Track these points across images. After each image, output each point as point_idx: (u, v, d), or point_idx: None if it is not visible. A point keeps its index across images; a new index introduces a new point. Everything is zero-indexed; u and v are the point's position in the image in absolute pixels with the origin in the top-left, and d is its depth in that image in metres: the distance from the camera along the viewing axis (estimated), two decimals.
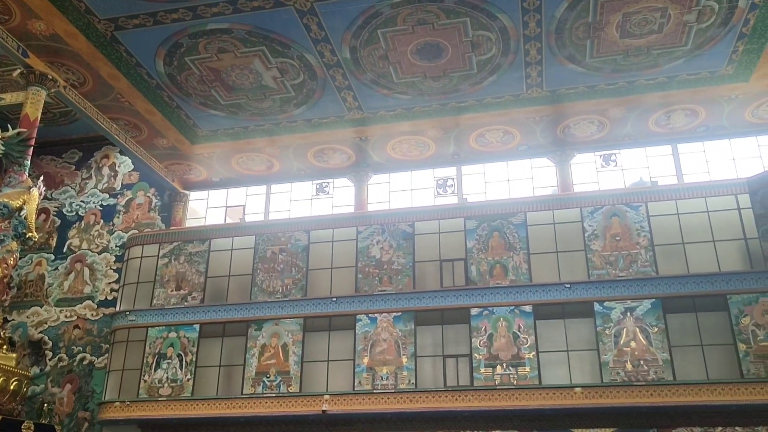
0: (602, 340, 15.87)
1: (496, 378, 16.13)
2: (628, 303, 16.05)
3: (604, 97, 17.69)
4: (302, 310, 18.16)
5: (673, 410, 14.84)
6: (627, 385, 15.13)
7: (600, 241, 16.99)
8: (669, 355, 15.35)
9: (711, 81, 16.95)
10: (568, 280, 16.69)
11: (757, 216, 16.08)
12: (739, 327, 15.25)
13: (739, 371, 14.85)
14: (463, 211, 18.47)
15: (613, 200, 17.38)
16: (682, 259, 16.34)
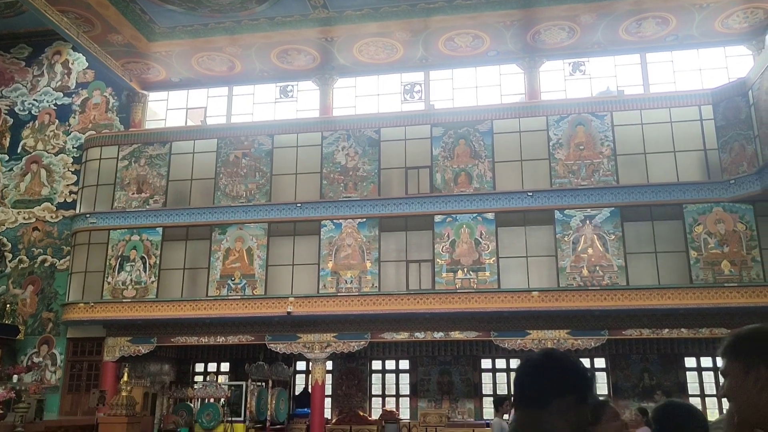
0: (561, 247, 16.31)
1: (457, 282, 16.56)
2: (588, 211, 16.39)
3: (577, 2, 17.26)
4: (266, 215, 18.12)
5: (625, 313, 15.54)
6: (582, 289, 15.71)
7: (564, 149, 17.09)
8: (624, 261, 15.90)
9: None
10: (531, 188, 16.88)
11: (719, 127, 16.28)
12: (692, 235, 15.79)
13: (688, 277, 15.52)
14: (429, 117, 18.27)
15: (579, 109, 17.35)
16: (643, 169, 16.61)
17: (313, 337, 17.50)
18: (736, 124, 15.97)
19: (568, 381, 1.50)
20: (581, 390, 1.50)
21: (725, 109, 16.26)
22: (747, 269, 15.26)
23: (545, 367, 1.54)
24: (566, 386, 1.49)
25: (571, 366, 1.53)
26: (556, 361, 1.54)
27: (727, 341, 1.65)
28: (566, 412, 1.47)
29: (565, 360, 1.54)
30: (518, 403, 1.57)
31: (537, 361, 1.57)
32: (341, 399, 19.88)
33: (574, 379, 1.51)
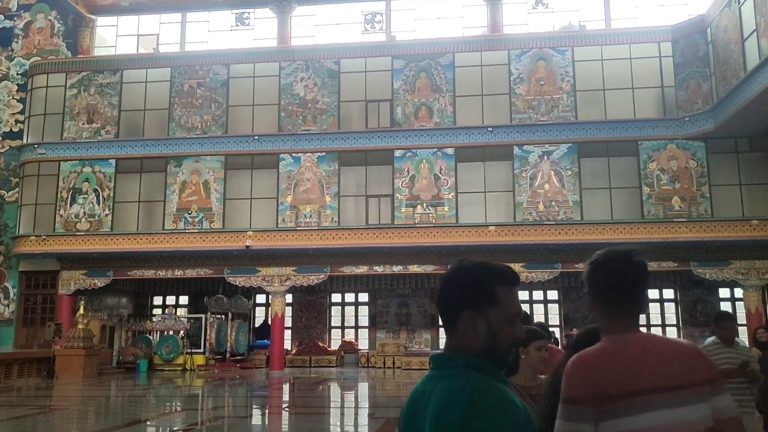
0: (518, 183, 16.49)
1: (416, 217, 16.68)
2: (546, 147, 16.53)
3: None
4: (223, 148, 17.75)
5: (578, 247, 15.92)
6: (538, 224, 16.02)
7: (525, 85, 17.04)
8: (579, 196, 16.21)
9: None
10: (491, 123, 16.88)
11: (677, 65, 16.41)
12: (645, 171, 16.13)
13: (641, 212, 15.95)
14: (391, 49, 17.90)
15: (541, 44, 17.22)
16: (601, 105, 16.73)
17: (272, 271, 17.54)
18: (693, 62, 16.11)
19: (461, 297, 1.40)
20: (479, 299, 1.40)
21: (684, 47, 16.35)
22: (696, 205, 15.75)
23: (441, 293, 1.46)
24: (461, 303, 1.40)
25: (468, 278, 1.42)
26: (447, 284, 1.45)
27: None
28: (471, 327, 1.38)
29: (460, 275, 1.44)
30: (445, 331, 1.50)
31: (441, 281, 1.49)
32: (301, 331, 20.19)
33: (469, 292, 1.40)
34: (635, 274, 1.71)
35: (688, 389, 1.60)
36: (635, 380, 1.59)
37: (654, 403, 1.58)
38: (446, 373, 1.38)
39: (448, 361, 1.41)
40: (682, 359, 1.63)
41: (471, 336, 1.39)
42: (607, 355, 1.65)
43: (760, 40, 13.18)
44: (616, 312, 1.70)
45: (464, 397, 1.29)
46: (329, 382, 15.70)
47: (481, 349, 1.39)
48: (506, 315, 1.40)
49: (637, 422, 1.57)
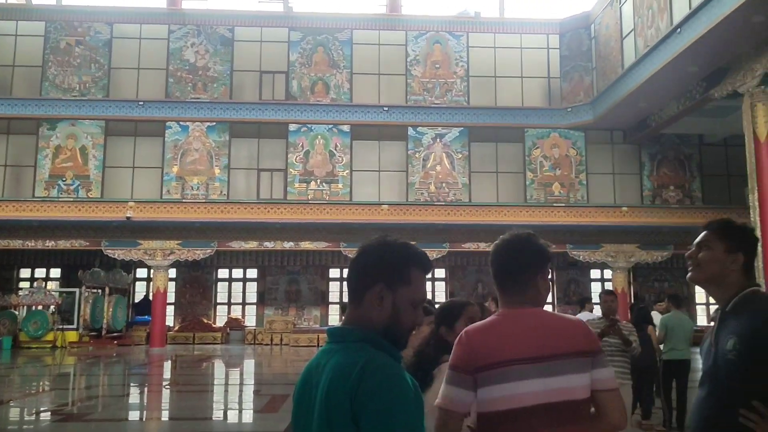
0: (411, 163, 16.73)
1: (309, 193, 16.50)
2: (439, 129, 16.86)
3: None
4: (104, 112, 16.62)
5: (465, 228, 16.46)
6: (429, 204, 16.36)
7: (421, 67, 17.24)
8: (468, 179, 16.71)
9: None
10: (387, 103, 16.95)
11: (562, 57, 17.23)
12: (530, 158, 16.88)
13: (524, 196, 16.70)
14: (288, 20, 17.46)
15: (438, 27, 17.46)
16: (492, 92, 17.27)
17: (155, 244, 16.73)
18: (578, 56, 16.98)
19: (377, 270, 1.42)
20: (391, 275, 1.41)
21: (570, 41, 17.19)
22: (574, 191, 16.71)
23: (357, 263, 1.46)
24: (375, 276, 1.41)
25: (388, 254, 1.44)
26: (365, 255, 1.46)
27: (719, 223, 2.06)
28: (378, 301, 1.40)
29: (381, 250, 1.45)
30: (349, 303, 1.49)
31: (357, 253, 1.49)
32: (185, 307, 19.48)
33: (385, 268, 1.42)
34: (526, 256, 1.85)
35: (563, 360, 1.71)
36: (506, 351, 1.72)
37: (524, 372, 1.69)
38: (341, 347, 1.38)
39: (345, 334, 1.41)
40: (559, 333, 1.75)
41: (375, 310, 1.40)
42: (487, 327, 1.80)
43: (637, 40, 14.09)
44: (508, 289, 1.84)
45: (355, 372, 1.29)
46: (213, 360, 15.29)
47: (382, 324, 1.40)
48: (413, 298, 1.43)
49: (509, 389, 1.69)
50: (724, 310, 1.94)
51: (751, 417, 1.74)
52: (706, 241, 2.02)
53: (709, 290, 2.04)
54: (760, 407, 1.74)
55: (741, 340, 1.81)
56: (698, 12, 11.29)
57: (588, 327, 1.82)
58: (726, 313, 1.93)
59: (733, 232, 2.01)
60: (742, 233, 2.03)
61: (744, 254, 1.97)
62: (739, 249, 1.97)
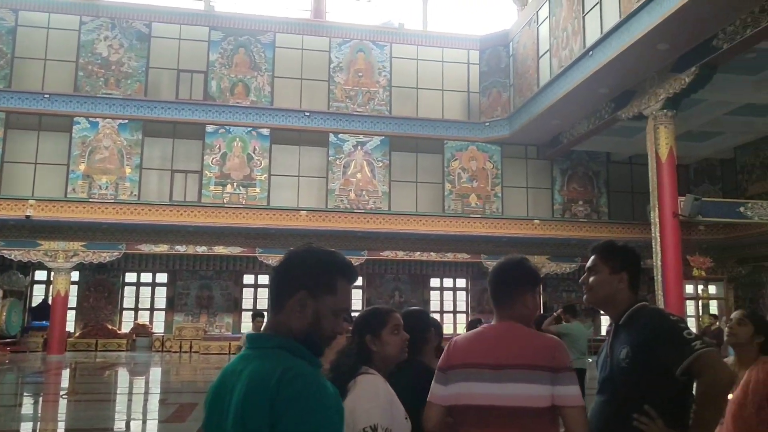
0: (332, 169, 16.66)
1: (225, 196, 16.09)
2: (361, 137, 16.89)
3: None
4: (5, 104, 15.59)
5: (384, 236, 16.53)
6: (348, 211, 16.32)
7: (344, 74, 17.24)
8: (388, 188, 16.81)
9: None
10: (309, 108, 16.82)
11: (482, 72, 17.69)
12: (449, 169, 17.19)
13: (442, 206, 16.97)
14: (209, 19, 17.03)
15: (362, 36, 17.53)
16: (413, 103, 17.50)
17: (57, 245, 15.80)
18: (496, 72, 17.49)
19: (301, 277, 1.40)
20: (315, 283, 1.40)
21: (489, 57, 17.68)
22: (490, 203, 17.14)
23: (281, 269, 1.45)
24: (299, 282, 1.40)
25: (314, 262, 1.42)
26: (290, 261, 1.44)
27: (602, 246, 2.25)
28: (300, 308, 1.38)
29: (307, 257, 1.44)
30: (270, 308, 1.47)
31: (283, 259, 1.47)
32: (87, 312, 18.45)
33: (310, 275, 1.40)
34: (517, 277, 2.13)
35: (518, 370, 1.94)
36: (471, 355, 2.01)
37: (481, 375, 1.97)
38: (259, 354, 1.36)
39: (263, 340, 1.39)
40: (522, 347, 1.99)
41: (297, 317, 1.38)
42: (469, 335, 2.13)
43: (552, 60, 14.66)
44: (499, 305, 2.12)
45: (274, 379, 1.27)
46: (117, 367, 14.56)
47: (302, 332, 1.38)
48: (336, 307, 1.42)
49: (467, 387, 1.99)
50: (617, 323, 2.16)
51: (642, 420, 1.93)
52: (594, 266, 2.23)
53: (605, 309, 2.25)
54: (650, 411, 1.93)
55: (632, 349, 2.02)
56: (609, 37, 11.88)
57: (559, 347, 2.00)
58: (619, 326, 2.15)
59: (615, 254, 2.22)
60: (624, 254, 2.24)
61: (628, 273, 2.19)
62: (623, 269, 2.19)
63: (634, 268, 2.23)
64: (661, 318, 2.08)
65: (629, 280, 2.19)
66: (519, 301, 2.09)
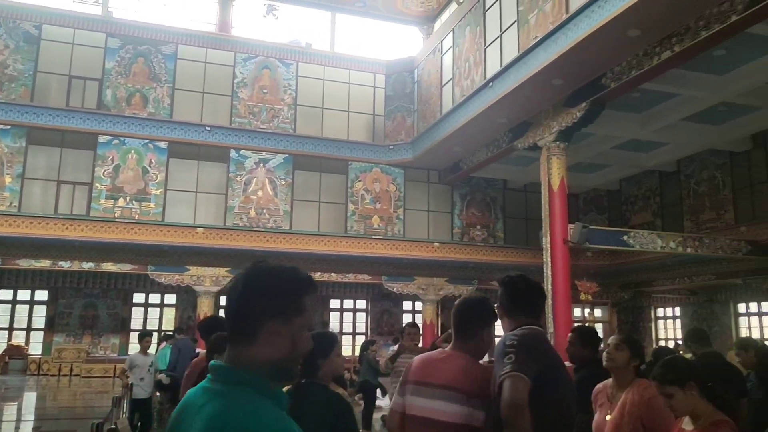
0: (232, 186, 16.24)
1: (116, 211, 15.28)
2: (263, 155, 16.61)
3: None
4: None
5: (285, 255, 16.23)
6: (247, 230, 15.93)
7: (248, 90, 16.94)
8: (290, 207, 16.59)
9: None
10: (210, 123, 16.37)
11: (387, 96, 17.95)
12: (352, 190, 17.22)
13: (344, 227, 16.94)
14: (107, 25, 16.26)
15: (268, 53, 17.32)
16: (319, 123, 17.44)
17: None
18: (402, 97, 17.79)
19: (269, 304, 1.32)
20: (285, 307, 1.32)
21: (395, 82, 17.97)
22: (392, 225, 17.30)
23: (243, 296, 1.34)
24: (268, 310, 1.31)
25: (279, 285, 1.35)
26: (252, 287, 1.34)
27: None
28: (276, 337, 1.30)
29: (270, 281, 1.35)
30: (229, 338, 1.36)
31: (239, 284, 1.36)
32: None
33: (275, 299, 1.32)
34: (471, 315, 2.52)
35: (439, 389, 2.36)
36: (414, 373, 2.49)
37: (415, 390, 2.45)
38: (222, 390, 1.28)
39: (228, 375, 1.31)
40: (449, 371, 2.39)
41: (273, 347, 1.31)
42: (423, 356, 2.61)
43: (455, 89, 15.10)
44: (456, 336, 2.52)
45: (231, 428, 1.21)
46: None
47: (278, 359, 1.32)
48: (307, 325, 1.38)
49: (407, 399, 2.47)
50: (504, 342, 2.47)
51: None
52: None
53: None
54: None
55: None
56: (508, 70, 12.40)
57: (481, 375, 2.38)
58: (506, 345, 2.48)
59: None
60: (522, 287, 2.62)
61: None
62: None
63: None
64: (501, 341, 2.38)
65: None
66: (479, 335, 2.48)
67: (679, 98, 12.69)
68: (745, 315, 17.72)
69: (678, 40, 9.53)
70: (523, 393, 2.11)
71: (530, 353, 2.25)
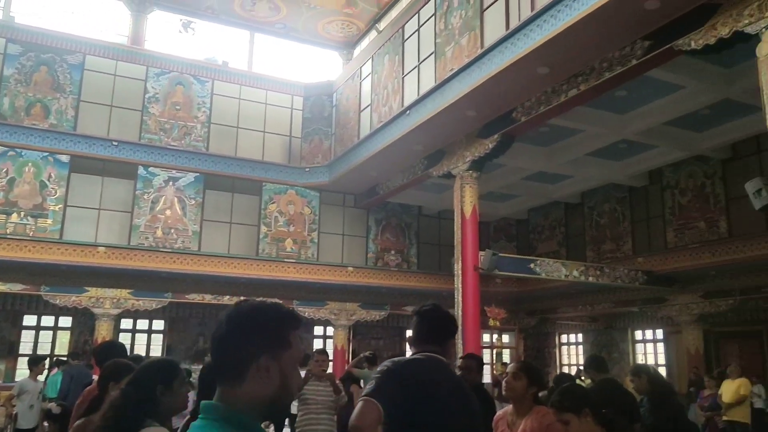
0: (138, 204, 15.56)
1: (9, 227, 14.26)
2: (173, 173, 16.05)
3: None
4: None
5: (192, 278, 15.69)
6: (153, 250, 15.25)
7: (160, 105, 16.39)
8: (200, 227, 16.06)
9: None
10: (118, 137, 15.67)
11: (305, 119, 17.85)
12: (265, 212, 16.91)
13: (256, 250, 16.57)
14: (7, 30, 15.31)
15: (183, 69, 16.86)
16: (233, 142, 17.08)
17: None
18: (320, 120, 17.75)
19: (256, 341, 1.34)
20: (272, 343, 1.35)
21: (313, 104, 17.92)
22: (305, 249, 17.09)
23: (230, 335, 1.36)
24: (256, 347, 1.33)
25: (265, 322, 1.36)
26: (238, 326, 1.36)
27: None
28: (265, 374, 1.33)
29: (255, 318, 1.37)
30: (218, 378, 1.37)
31: (224, 325, 1.38)
32: None
33: (266, 337, 1.35)
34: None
35: None
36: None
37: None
38: (207, 425, 1.30)
39: (214, 411, 1.32)
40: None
41: (263, 384, 1.33)
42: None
43: (373, 114, 15.23)
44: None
45: None
46: None
47: (270, 396, 1.34)
48: (296, 359, 1.40)
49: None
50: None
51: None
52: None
53: None
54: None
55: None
56: (425, 99, 12.63)
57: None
58: None
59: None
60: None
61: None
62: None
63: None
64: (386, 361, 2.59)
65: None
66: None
67: (584, 134, 13.35)
68: (641, 342, 18.68)
69: (583, 79, 10.03)
70: (369, 417, 2.23)
71: (394, 380, 2.37)
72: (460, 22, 11.83)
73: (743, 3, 7.63)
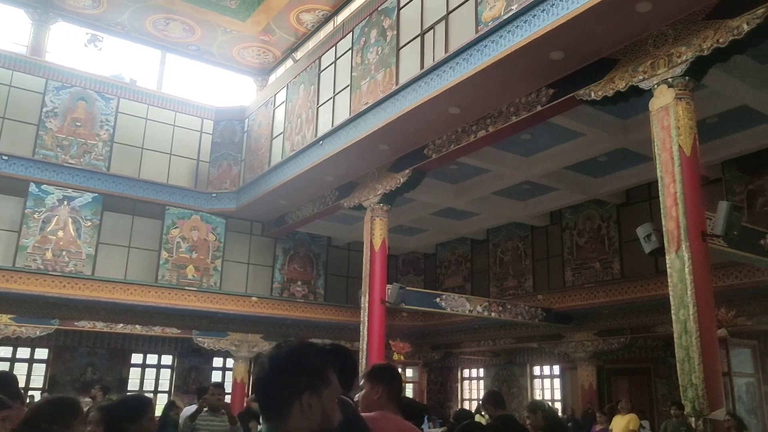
0: (28, 223, 14.54)
1: None
2: (69, 192, 15.16)
3: None
4: None
5: (83, 304, 14.74)
6: (41, 273, 14.24)
7: (58, 120, 15.52)
8: (95, 250, 15.19)
9: (216, 7, 17.50)
10: (8, 152, 14.66)
11: (214, 143, 17.42)
12: (167, 236, 16.24)
13: (155, 276, 15.82)
14: None
15: (86, 84, 16.10)
16: (137, 163, 16.39)
17: None
18: (230, 145, 17.36)
19: (300, 379, 1.46)
20: (314, 380, 1.47)
21: (223, 129, 17.53)
22: (208, 276, 16.51)
23: (274, 375, 1.48)
24: (300, 385, 1.46)
25: (307, 361, 1.49)
26: (283, 366, 1.48)
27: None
28: (309, 411, 1.44)
29: (298, 358, 1.50)
30: (263, 416, 1.50)
31: (267, 367, 1.50)
32: None
33: (305, 374, 1.47)
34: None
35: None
36: None
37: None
38: None
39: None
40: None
41: (307, 419, 1.44)
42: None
43: (285, 142, 15.08)
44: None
45: None
46: None
47: (316, 431, 1.45)
48: (336, 395, 1.50)
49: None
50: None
51: None
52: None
53: None
54: None
55: None
56: (338, 131, 12.65)
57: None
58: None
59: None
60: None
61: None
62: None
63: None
64: None
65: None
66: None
67: (491, 174, 13.79)
68: (539, 377, 19.25)
69: (492, 121, 10.39)
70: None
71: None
72: (377, 57, 12.01)
73: (638, 60, 8.19)
